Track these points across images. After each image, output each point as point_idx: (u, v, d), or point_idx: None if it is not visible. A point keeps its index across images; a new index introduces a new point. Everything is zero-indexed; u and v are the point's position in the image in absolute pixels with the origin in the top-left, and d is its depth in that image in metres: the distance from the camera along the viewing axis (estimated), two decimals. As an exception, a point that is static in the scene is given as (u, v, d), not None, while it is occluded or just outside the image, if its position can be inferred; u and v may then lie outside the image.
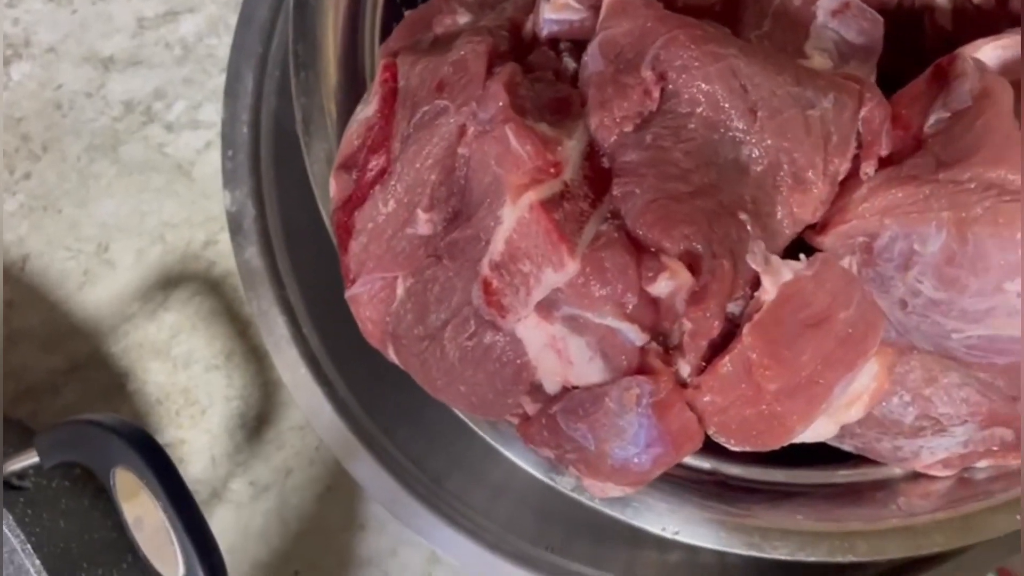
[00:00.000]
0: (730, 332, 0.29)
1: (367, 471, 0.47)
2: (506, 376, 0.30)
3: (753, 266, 0.28)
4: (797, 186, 0.29)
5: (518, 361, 0.30)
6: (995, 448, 0.34)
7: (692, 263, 0.28)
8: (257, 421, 0.52)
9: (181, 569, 0.34)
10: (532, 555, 0.47)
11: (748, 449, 0.30)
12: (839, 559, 0.35)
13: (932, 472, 0.35)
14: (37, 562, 0.35)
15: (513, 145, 0.28)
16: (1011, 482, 0.35)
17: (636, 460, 0.29)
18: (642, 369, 0.29)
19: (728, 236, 0.28)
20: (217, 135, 0.54)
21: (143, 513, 0.34)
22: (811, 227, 0.30)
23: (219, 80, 0.55)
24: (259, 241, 0.48)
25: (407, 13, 0.37)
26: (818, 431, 0.32)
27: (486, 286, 0.29)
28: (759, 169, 0.29)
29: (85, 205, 0.54)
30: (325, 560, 0.51)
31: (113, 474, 0.34)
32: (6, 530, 0.36)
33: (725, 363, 0.28)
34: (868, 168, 0.30)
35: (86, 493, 0.45)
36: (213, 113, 0.55)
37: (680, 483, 0.37)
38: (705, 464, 0.38)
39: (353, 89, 0.39)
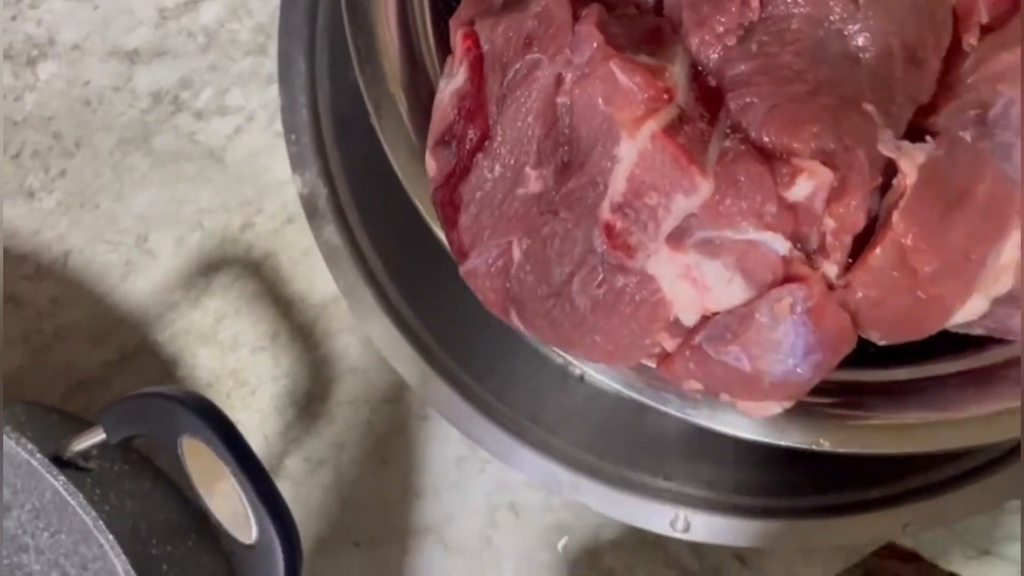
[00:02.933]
0: (868, 227, 0.29)
1: (470, 424, 0.48)
2: (642, 317, 0.30)
3: (887, 153, 0.28)
4: (911, 66, 0.29)
5: (653, 299, 0.30)
6: None
7: (826, 160, 0.28)
8: (306, 399, 0.53)
9: (255, 532, 0.34)
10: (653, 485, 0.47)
11: (899, 341, 0.30)
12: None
13: None
14: (111, 537, 0.36)
15: (621, 80, 0.28)
16: None
17: (797, 371, 0.29)
18: (789, 278, 0.28)
19: (856, 128, 0.28)
20: (246, 120, 0.55)
21: (213, 480, 0.34)
22: (921, 109, 0.30)
23: (243, 64, 0.55)
24: (335, 220, 0.49)
25: None
26: (971, 309, 0.32)
27: (608, 229, 0.29)
28: (870, 56, 0.29)
29: (121, 198, 0.54)
30: (384, 530, 0.52)
31: (181, 443, 0.35)
32: (78, 510, 0.36)
33: (876, 254, 0.28)
34: (971, 39, 0.30)
35: (146, 476, 0.46)
36: (240, 98, 0.55)
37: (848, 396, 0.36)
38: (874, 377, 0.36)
39: (415, 73, 0.40)
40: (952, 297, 0.28)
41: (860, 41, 0.29)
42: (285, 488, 0.52)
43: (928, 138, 0.29)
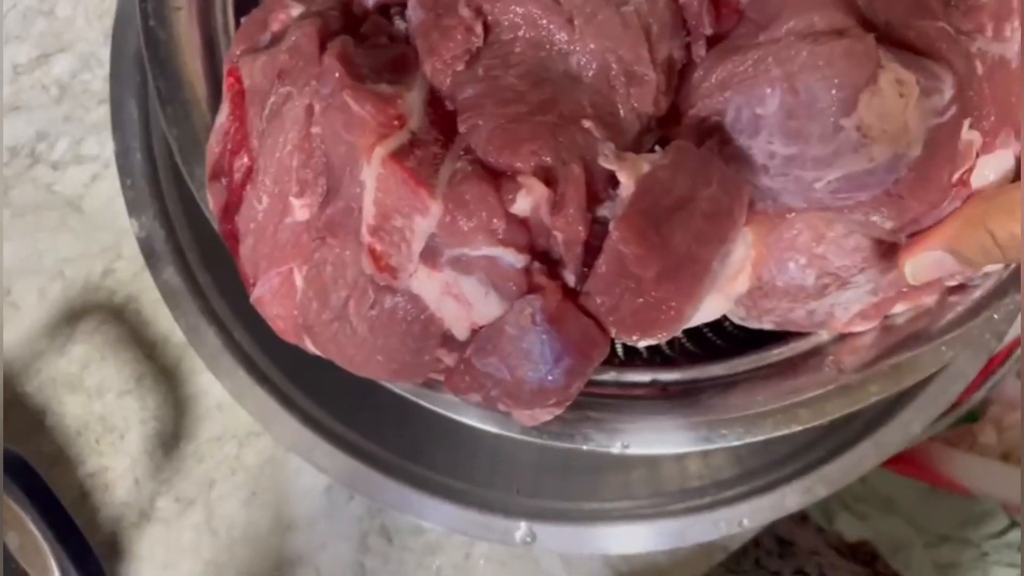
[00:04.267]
0: (607, 234, 0.30)
1: (328, 459, 0.48)
2: (415, 334, 0.31)
3: (606, 165, 0.29)
4: (631, 81, 0.30)
5: (422, 316, 0.31)
6: (905, 290, 0.35)
7: (546, 176, 0.29)
8: (174, 438, 0.53)
9: (60, 581, 0.34)
10: (502, 500, 0.48)
11: (652, 341, 0.31)
12: (784, 431, 0.37)
13: (854, 328, 0.36)
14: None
15: (355, 109, 0.29)
16: (932, 319, 0.36)
17: (550, 378, 0.30)
18: (531, 290, 0.29)
19: (575, 143, 0.29)
20: (102, 167, 0.56)
21: (23, 535, 0.35)
22: (668, 121, 0.31)
23: (97, 113, 0.56)
24: (174, 260, 0.49)
25: (243, 19, 0.38)
26: (713, 308, 0.33)
27: (371, 252, 0.30)
28: (590, 74, 0.31)
29: (-17, 253, 0.55)
30: (258, 564, 0.52)
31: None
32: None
33: (601, 262, 0.29)
34: (699, 50, 0.31)
35: None
36: (95, 146, 0.56)
37: (623, 401, 0.38)
38: (644, 377, 0.39)
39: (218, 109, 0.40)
40: (680, 298, 0.29)
41: (580, 61, 0.30)
42: (158, 530, 0.52)
43: (657, 148, 0.30)
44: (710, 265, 0.29)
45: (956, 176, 0.31)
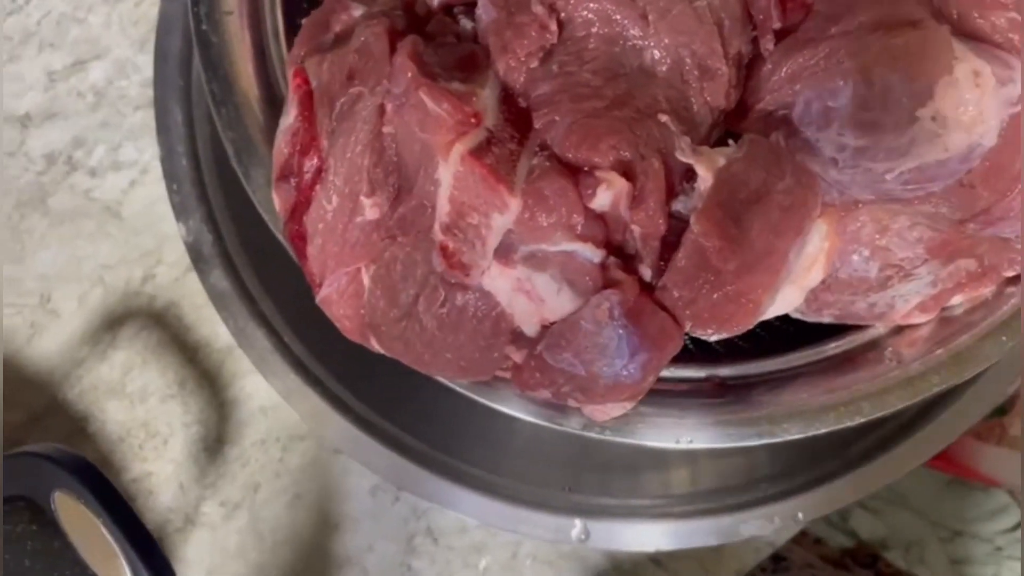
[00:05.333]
0: (684, 229, 0.30)
1: (377, 458, 0.48)
2: (486, 331, 0.31)
3: (683, 159, 0.29)
4: (704, 75, 0.30)
5: (493, 313, 0.31)
6: (963, 281, 0.35)
7: (625, 170, 0.29)
8: (218, 443, 0.53)
9: (131, 579, 0.34)
10: (555, 497, 0.48)
11: (727, 334, 0.31)
12: (848, 423, 0.37)
13: (912, 320, 0.36)
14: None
15: (431, 107, 0.30)
16: (989, 310, 0.36)
17: (626, 372, 0.30)
18: (607, 284, 0.30)
19: (653, 138, 0.30)
20: (140, 172, 0.56)
21: (89, 533, 0.35)
22: (734, 115, 0.32)
23: (134, 119, 0.56)
24: (222, 264, 0.49)
25: (304, 21, 0.38)
26: (787, 300, 0.33)
27: (443, 250, 0.30)
28: (664, 69, 0.31)
29: (22, 260, 0.55)
30: (304, 566, 0.52)
31: (53, 499, 0.35)
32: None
33: (680, 256, 0.29)
34: (767, 44, 0.31)
35: (54, 535, 0.46)
36: (133, 152, 0.56)
37: (680, 396, 0.38)
38: (700, 373, 0.39)
39: (275, 112, 0.41)
40: (758, 290, 0.29)
41: (654, 56, 0.31)
42: (203, 535, 0.52)
43: (730, 142, 0.30)
44: (787, 257, 0.30)
45: None
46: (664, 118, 0.30)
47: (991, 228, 0.33)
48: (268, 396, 0.53)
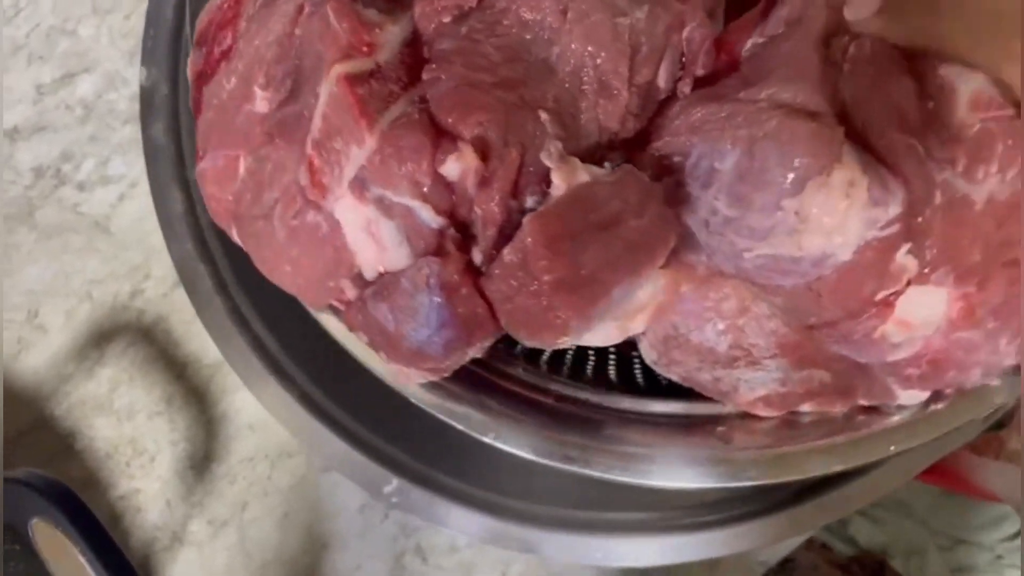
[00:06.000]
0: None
1: (363, 473, 0.47)
2: (327, 258, 0.31)
3: (545, 162, 0.29)
4: (602, 91, 0.30)
5: (338, 244, 0.30)
6: (815, 390, 0.34)
7: (483, 149, 0.29)
8: (206, 460, 0.52)
9: (110, 611, 0.34)
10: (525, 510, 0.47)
11: (538, 345, 0.30)
12: (802, 475, 0.35)
13: (755, 411, 0.35)
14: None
15: (332, 22, 0.29)
16: (831, 429, 0.35)
17: (429, 343, 0.30)
18: (438, 253, 0.29)
19: (524, 130, 0.29)
20: (129, 187, 0.55)
21: (68, 561, 0.34)
22: (635, 146, 0.31)
23: (123, 133, 0.56)
24: (215, 285, 0.48)
25: None
26: (603, 335, 0.32)
27: (310, 165, 0.30)
28: (566, 70, 0.30)
29: (10, 275, 0.55)
30: (292, 586, 0.51)
31: (31, 527, 0.35)
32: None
33: (507, 251, 0.28)
34: (684, 87, 0.31)
35: (36, 557, 0.45)
36: (122, 166, 0.55)
37: (645, 428, 0.37)
38: (668, 408, 0.38)
39: None
40: (570, 313, 0.28)
41: (559, 54, 0.30)
42: (191, 554, 0.52)
43: (607, 164, 0.30)
44: (610, 292, 0.29)
45: (881, 295, 0.30)
46: (544, 116, 0.29)
47: (836, 345, 0.32)
48: (256, 413, 0.53)
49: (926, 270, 0.29)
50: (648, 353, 0.34)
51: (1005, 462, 0.72)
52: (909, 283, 0.30)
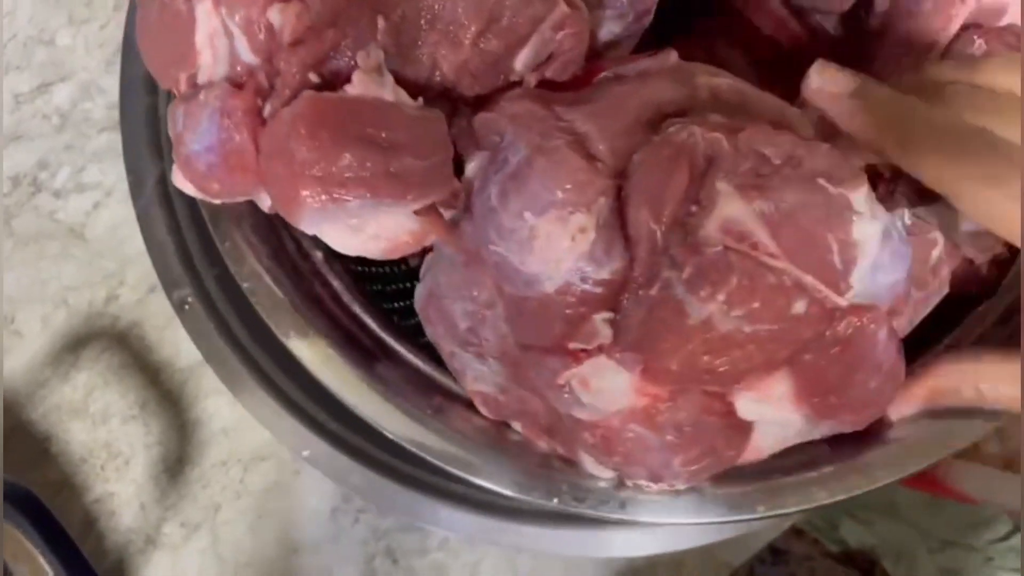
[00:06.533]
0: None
1: (349, 473, 0.48)
2: (178, 50, 0.31)
3: (358, 61, 0.29)
4: (447, 35, 0.30)
5: (188, 40, 0.31)
6: (528, 413, 0.35)
7: (311, 22, 0.29)
8: (179, 464, 0.53)
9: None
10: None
11: (287, 219, 0.30)
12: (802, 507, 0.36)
13: (476, 402, 0.36)
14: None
15: None
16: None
17: (196, 156, 0.31)
18: (240, 86, 0.30)
19: (356, 23, 0.29)
20: (104, 195, 0.56)
21: (31, 565, 0.35)
22: (479, 101, 0.32)
23: (99, 142, 0.56)
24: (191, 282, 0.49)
25: None
26: (340, 238, 0.32)
27: None
28: (435, 5, 0.30)
29: (-13, 282, 0.55)
30: (264, 588, 0.52)
31: (-8, 529, 0.35)
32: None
33: (285, 112, 0.29)
34: (531, 78, 0.32)
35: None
36: (97, 174, 0.56)
37: None
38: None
39: None
40: (305, 193, 0.28)
41: None
42: (164, 556, 0.52)
43: (421, 99, 0.30)
44: (348, 199, 0.28)
45: (573, 345, 0.30)
46: (381, 24, 0.29)
47: (536, 375, 0.32)
48: (230, 417, 0.53)
49: (617, 347, 0.29)
50: (417, 300, 0.36)
51: (979, 464, 0.73)
52: (601, 349, 0.30)
